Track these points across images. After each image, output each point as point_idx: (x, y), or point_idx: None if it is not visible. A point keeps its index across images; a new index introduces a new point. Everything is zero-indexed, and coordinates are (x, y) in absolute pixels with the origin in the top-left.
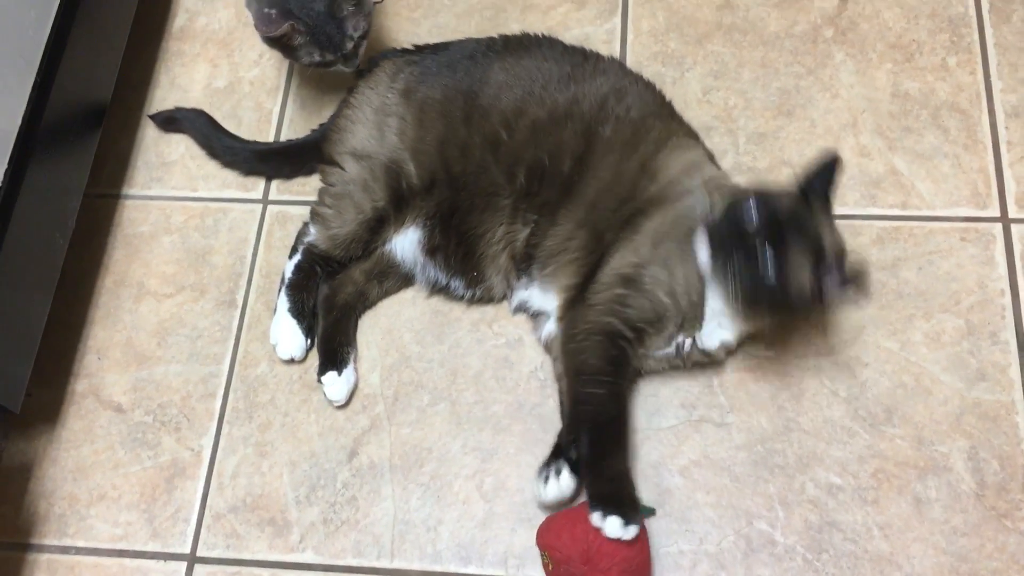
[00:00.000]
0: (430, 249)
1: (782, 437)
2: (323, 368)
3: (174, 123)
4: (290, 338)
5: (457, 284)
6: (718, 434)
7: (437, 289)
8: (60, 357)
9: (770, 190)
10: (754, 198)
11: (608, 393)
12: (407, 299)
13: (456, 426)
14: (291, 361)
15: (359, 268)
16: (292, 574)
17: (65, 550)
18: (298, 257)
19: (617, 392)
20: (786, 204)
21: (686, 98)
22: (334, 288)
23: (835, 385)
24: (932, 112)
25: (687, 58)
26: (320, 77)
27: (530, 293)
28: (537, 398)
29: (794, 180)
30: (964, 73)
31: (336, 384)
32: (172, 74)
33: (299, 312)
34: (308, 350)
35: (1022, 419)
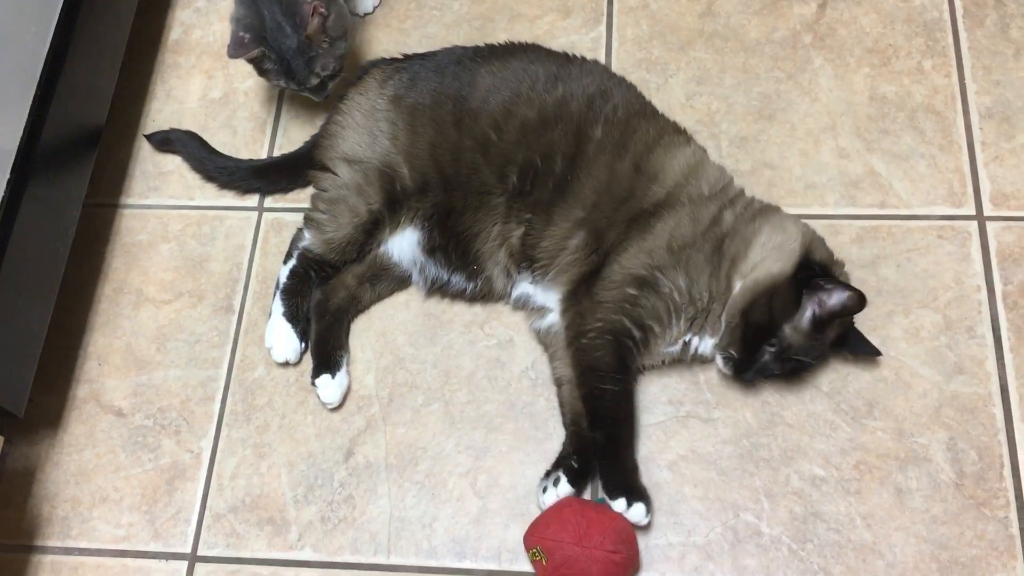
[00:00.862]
0: (430, 249)
1: (767, 431)
2: (317, 372)
3: (168, 144)
4: (285, 342)
5: (458, 279)
6: (705, 429)
7: (437, 287)
8: (61, 363)
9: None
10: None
11: (622, 390)
12: (400, 303)
13: (450, 425)
14: (286, 364)
15: (351, 273)
16: (291, 572)
17: (68, 551)
18: (293, 262)
19: (628, 388)
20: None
21: (670, 103)
22: (326, 293)
23: (817, 380)
24: (909, 114)
25: (671, 64)
26: None
27: (531, 288)
28: (528, 397)
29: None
30: (939, 76)
31: (329, 387)
32: (168, 86)
33: (294, 316)
34: (303, 353)
35: (999, 410)
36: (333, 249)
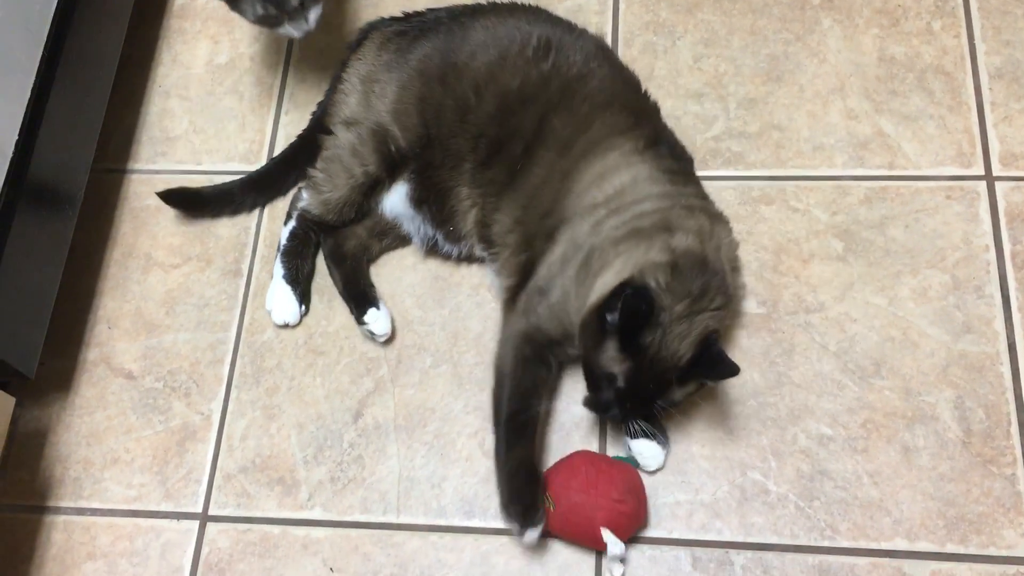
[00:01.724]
0: (417, 201)
1: (774, 391)
2: (361, 310)
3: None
4: (285, 304)
5: (444, 242)
6: (712, 389)
7: (430, 247)
8: (71, 327)
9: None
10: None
11: (518, 389)
12: (408, 265)
13: (458, 387)
14: (285, 326)
15: (361, 224)
16: (301, 530)
17: (81, 511)
18: (292, 223)
19: (530, 388)
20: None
21: (677, 66)
22: (338, 240)
23: (825, 340)
24: (917, 75)
25: (678, 27)
26: (319, 51)
27: (491, 274)
28: None
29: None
30: (948, 36)
31: (380, 319)
32: (174, 51)
33: (294, 279)
34: (303, 316)
35: (1006, 369)
36: (331, 210)
